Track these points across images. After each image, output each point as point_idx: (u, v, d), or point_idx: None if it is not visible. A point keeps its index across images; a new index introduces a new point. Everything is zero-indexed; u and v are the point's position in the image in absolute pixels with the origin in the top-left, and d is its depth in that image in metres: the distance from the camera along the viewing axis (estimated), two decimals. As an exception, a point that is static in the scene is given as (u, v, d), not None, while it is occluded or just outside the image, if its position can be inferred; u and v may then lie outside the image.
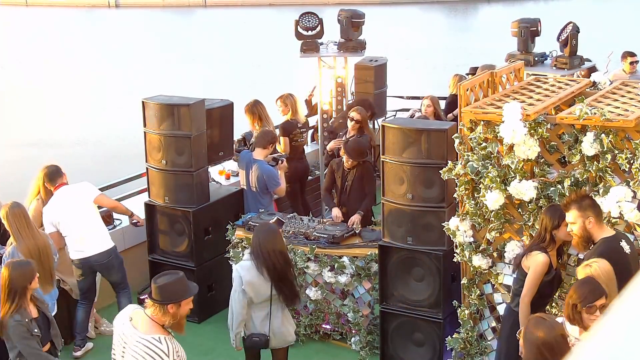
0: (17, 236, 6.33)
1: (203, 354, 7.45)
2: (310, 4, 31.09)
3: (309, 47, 10.28)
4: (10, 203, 6.47)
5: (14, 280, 5.40)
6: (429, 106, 9.73)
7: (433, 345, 6.73)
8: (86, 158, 16.50)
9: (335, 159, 8.51)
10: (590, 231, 5.09)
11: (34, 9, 43.55)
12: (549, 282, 5.46)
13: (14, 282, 5.40)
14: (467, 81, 6.21)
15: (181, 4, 43.78)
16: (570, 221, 5.14)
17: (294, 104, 9.57)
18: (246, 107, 9.12)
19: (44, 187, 7.19)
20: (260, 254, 5.85)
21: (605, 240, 5.07)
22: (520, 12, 27.70)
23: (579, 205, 5.09)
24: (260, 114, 9.03)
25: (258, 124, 9.00)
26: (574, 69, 9.98)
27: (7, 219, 6.35)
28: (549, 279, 5.43)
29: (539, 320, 4.22)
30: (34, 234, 6.41)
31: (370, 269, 7.05)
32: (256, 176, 8.19)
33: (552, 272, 5.43)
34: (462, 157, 5.92)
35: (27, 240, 6.32)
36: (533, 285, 5.40)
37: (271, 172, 8.23)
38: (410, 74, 21.35)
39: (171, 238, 7.94)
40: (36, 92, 23.89)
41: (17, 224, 6.31)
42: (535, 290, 5.40)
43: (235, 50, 29.15)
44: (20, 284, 5.41)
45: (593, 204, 5.14)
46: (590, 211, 5.08)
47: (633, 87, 6.22)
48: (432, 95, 10.09)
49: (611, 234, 5.14)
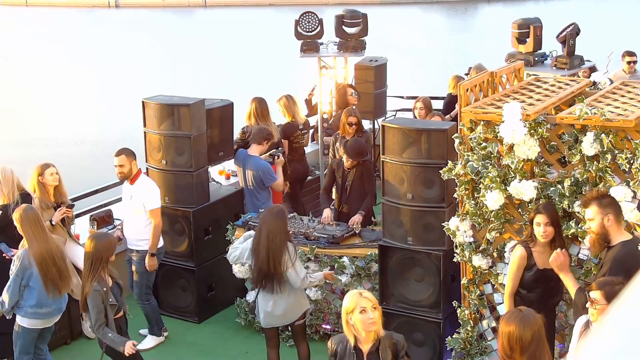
0: (31, 240, 6.31)
1: (203, 354, 7.46)
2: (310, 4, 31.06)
3: (309, 47, 10.28)
4: (24, 206, 6.46)
5: (98, 251, 5.85)
6: (421, 109, 9.74)
7: (433, 345, 6.73)
8: (86, 158, 16.51)
9: (335, 159, 8.52)
10: (608, 230, 5.04)
11: (34, 9, 43.56)
12: (532, 279, 5.46)
13: (98, 253, 5.85)
14: (467, 81, 6.21)
15: (181, 4, 43.79)
16: (589, 217, 5.09)
17: (293, 107, 9.56)
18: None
19: (39, 185, 7.20)
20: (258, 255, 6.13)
21: (625, 244, 5.03)
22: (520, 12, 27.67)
23: (599, 202, 5.04)
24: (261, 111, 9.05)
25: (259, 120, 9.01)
26: (574, 69, 9.98)
27: (20, 222, 6.32)
28: (530, 274, 5.45)
29: (513, 313, 4.27)
30: (47, 237, 6.40)
31: (370, 269, 7.05)
32: (251, 172, 8.23)
33: (534, 269, 5.44)
34: (462, 157, 5.92)
35: (41, 244, 6.30)
36: (510, 279, 5.51)
37: (266, 167, 8.28)
38: (410, 74, 21.34)
39: (171, 238, 7.94)
40: (36, 92, 23.90)
41: (32, 228, 6.30)
42: (516, 283, 5.49)
43: (235, 50, 29.14)
44: (104, 255, 5.87)
45: (614, 202, 5.10)
46: (611, 209, 5.04)
47: (633, 87, 6.21)
48: (425, 97, 10.09)
49: (629, 238, 5.10)
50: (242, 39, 31.08)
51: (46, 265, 6.27)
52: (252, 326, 7.72)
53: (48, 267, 6.28)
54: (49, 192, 7.26)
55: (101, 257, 5.86)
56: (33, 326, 6.42)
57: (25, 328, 6.41)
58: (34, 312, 6.37)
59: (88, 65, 27.46)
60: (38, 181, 7.22)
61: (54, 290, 6.33)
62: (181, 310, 8.03)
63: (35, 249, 6.27)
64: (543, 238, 5.38)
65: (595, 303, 4.53)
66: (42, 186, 7.22)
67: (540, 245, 5.43)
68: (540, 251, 5.45)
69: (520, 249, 5.47)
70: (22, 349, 6.47)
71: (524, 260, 5.45)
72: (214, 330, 7.87)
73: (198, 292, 7.93)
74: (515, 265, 5.48)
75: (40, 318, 6.40)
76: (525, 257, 5.44)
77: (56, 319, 6.55)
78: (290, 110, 9.51)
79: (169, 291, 8.03)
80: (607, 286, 4.53)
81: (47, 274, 6.28)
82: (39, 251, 6.27)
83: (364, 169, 8.02)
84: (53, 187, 7.29)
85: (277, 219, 6.20)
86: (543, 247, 5.43)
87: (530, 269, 5.46)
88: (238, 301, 7.81)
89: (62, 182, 7.39)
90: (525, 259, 5.44)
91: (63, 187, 7.42)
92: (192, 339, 7.71)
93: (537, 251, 5.45)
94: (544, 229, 5.33)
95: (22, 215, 6.31)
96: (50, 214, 7.23)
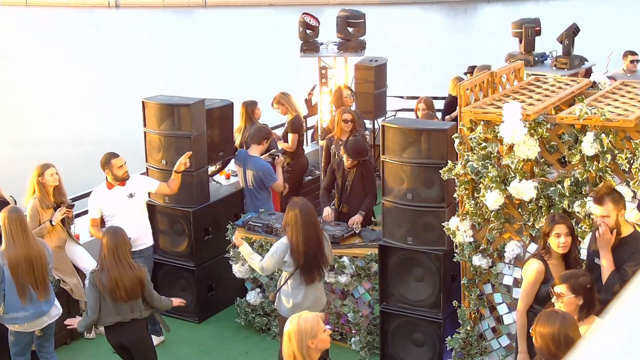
0: (9, 242, 6.15)
1: (203, 354, 7.45)
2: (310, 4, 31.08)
3: (309, 47, 10.29)
4: (10, 207, 6.38)
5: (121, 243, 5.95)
6: (424, 109, 9.70)
7: (433, 345, 6.73)
8: (86, 158, 16.51)
9: (335, 159, 8.52)
10: (621, 223, 5.02)
11: (34, 9, 43.59)
12: (549, 293, 5.35)
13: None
14: (467, 81, 6.21)
15: (181, 4, 43.81)
16: (603, 214, 5.00)
17: (290, 101, 9.57)
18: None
19: (38, 186, 7.19)
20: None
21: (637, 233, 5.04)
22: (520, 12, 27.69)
23: (612, 199, 4.98)
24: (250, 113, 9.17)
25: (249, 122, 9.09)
26: (574, 69, 9.99)
27: (3, 222, 6.19)
28: (547, 288, 5.17)
29: (550, 314, 4.18)
30: (28, 241, 6.19)
31: (370, 269, 7.05)
32: (252, 172, 8.24)
33: (551, 282, 5.28)
34: (462, 157, 5.92)
35: (19, 247, 6.13)
36: (526, 294, 5.29)
37: (266, 167, 8.29)
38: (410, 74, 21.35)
39: (171, 238, 7.94)
40: (36, 92, 23.90)
41: (13, 229, 6.14)
42: (530, 299, 5.28)
43: (235, 50, 29.15)
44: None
45: (622, 196, 5.10)
46: (623, 204, 5.02)
47: (633, 87, 6.22)
48: (427, 97, 10.05)
49: (633, 229, 5.11)
50: (242, 39, 31.09)
51: (20, 270, 6.09)
52: (252, 326, 7.72)
53: (22, 272, 6.09)
54: (48, 193, 7.25)
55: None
56: (18, 329, 6.31)
57: (13, 331, 6.34)
58: (10, 318, 6.22)
59: (88, 65, 27.48)
60: (38, 182, 7.20)
61: (29, 296, 6.15)
62: (181, 310, 8.00)
63: (12, 252, 6.11)
64: (563, 249, 5.16)
65: (561, 296, 4.52)
66: (42, 186, 7.20)
67: (555, 257, 5.23)
68: (555, 264, 5.24)
69: (537, 263, 5.23)
70: (17, 352, 6.42)
71: (542, 274, 5.22)
72: (214, 330, 7.87)
73: (198, 292, 7.93)
74: (532, 279, 5.24)
75: (20, 322, 6.25)
76: (543, 271, 5.21)
77: (41, 321, 6.34)
78: (290, 104, 9.53)
79: (169, 291, 8.01)
80: (571, 279, 4.55)
81: (19, 279, 6.10)
82: (15, 255, 6.10)
83: (364, 168, 8.02)
84: (53, 188, 7.28)
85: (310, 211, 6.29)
86: (557, 259, 5.24)
87: (546, 282, 5.20)
88: (238, 301, 7.81)
89: (61, 182, 7.38)
90: (543, 273, 5.22)
91: (63, 187, 7.41)
92: (192, 339, 7.71)
93: (552, 264, 5.24)
94: (565, 239, 5.13)
95: (7, 216, 6.18)
96: (50, 214, 7.23)
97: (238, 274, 7.60)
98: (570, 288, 4.51)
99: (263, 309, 7.68)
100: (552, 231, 5.13)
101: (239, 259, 7.56)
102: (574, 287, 4.50)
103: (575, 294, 4.50)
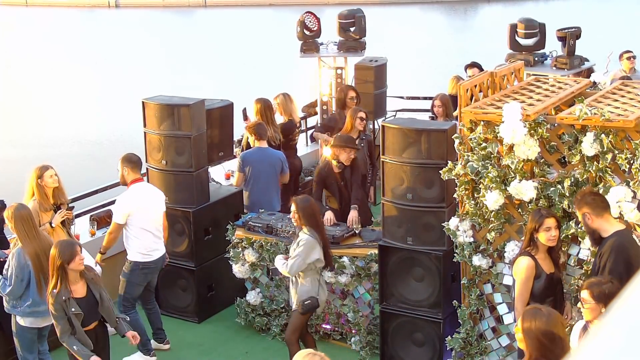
0: (25, 238, 6.28)
1: (203, 354, 7.45)
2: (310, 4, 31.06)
3: (309, 47, 10.29)
4: (16, 205, 6.41)
5: (55, 258, 5.70)
6: (439, 106, 9.60)
7: (433, 345, 6.73)
8: (86, 158, 16.51)
9: (323, 168, 8.12)
10: (592, 226, 5.14)
11: (34, 9, 43.56)
12: (544, 287, 5.41)
13: (55, 260, 5.70)
14: (467, 81, 6.22)
15: (181, 4, 43.79)
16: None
17: (290, 105, 9.56)
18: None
19: (38, 188, 7.13)
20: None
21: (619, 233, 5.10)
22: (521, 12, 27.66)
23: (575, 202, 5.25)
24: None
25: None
26: (574, 69, 9.97)
27: (13, 220, 6.29)
28: (540, 283, 5.39)
29: (535, 311, 4.22)
30: (39, 235, 6.38)
31: (370, 269, 7.05)
32: (274, 164, 8.40)
33: (543, 276, 5.39)
34: (462, 157, 5.92)
35: (35, 242, 6.28)
36: (521, 292, 5.36)
37: (284, 155, 8.59)
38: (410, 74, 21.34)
39: (171, 238, 7.93)
40: (36, 92, 23.90)
41: (25, 226, 6.26)
42: (526, 296, 5.35)
43: (235, 50, 29.14)
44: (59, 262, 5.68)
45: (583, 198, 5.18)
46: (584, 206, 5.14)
47: (633, 87, 6.22)
48: (443, 94, 9.95)
49: (622, 228, 5.17)
50: (242, 39, 31.07)
51: (40, 262, 6.24)
52: (252, 326, 7.72)
53: (42, 264, 6.23)
54: (47, 195, 7.12)
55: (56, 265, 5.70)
56: (32, 325, 6.40)
57: (24, 327, 6.40)
58: (32, 311, 6.35)
59: (88, 65, 27.46)
60: (37, 184, 7.09)
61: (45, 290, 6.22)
62: (181, 310, 8.03)
63: (30, 248, 6.26)
64: (552, 242, 5.34)
65: (585, 302, 4.59)
66: (41, 189, 7.12)
67: (542, 251, 5.40)
68: (543, 257, 5.41)
69: (526, 259, 5.36)
70: (26, 348, 6.46)
71: (533, 269, 5.35)
72: (214, 330, 7.87)
73: (198, 292, 7.93)
74: (524, 275, 5.35)
75: (39, 316, 6.37)
76: (534, 266, 5.35)
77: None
78: (287, 108, 9.52)
79: (169, 291, 8.04)
80: (594, 286, 4.58)
81: (38, 274, 6.25)
82: (33, 250, 6.25)
83: (353, 160, 7.94)
84: (52, 189, 7.21)
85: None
86: (544, 253, 5.41)
87: (539, 277, 5.37)
88: (238, 301, 7.81)
89: (61, 183, 7.33)
90: (534, 268, 5.35)
91: (62, 188, 7.37)
92: (192, 339, 7.71)
93: (540, 258, 5.40)
94: (555, 232, 5.31)
95: (14, 214, 6.27)
96: (49, 216, 7.15)
97: (238, 274, 7.60)
98: (593, 295, 4.56)
99: (263, 309, 7.67)
100: (542, 225, 5.30)
101: (239, 259, 7.56)
102: (597, 295, 4.54)
103: (597, 301, 4.53)
